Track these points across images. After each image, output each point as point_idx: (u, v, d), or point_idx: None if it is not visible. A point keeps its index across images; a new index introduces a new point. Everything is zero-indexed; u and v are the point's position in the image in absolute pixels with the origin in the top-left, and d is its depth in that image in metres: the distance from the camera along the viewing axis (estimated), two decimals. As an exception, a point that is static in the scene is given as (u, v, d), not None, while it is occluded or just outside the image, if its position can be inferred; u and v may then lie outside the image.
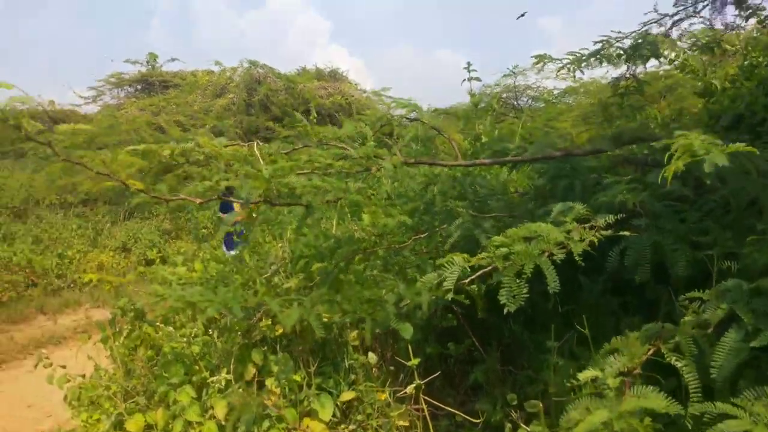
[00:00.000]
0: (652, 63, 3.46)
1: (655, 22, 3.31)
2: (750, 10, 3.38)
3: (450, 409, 2.18)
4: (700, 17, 3.43)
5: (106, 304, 7.96)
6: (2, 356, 5.92)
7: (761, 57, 3.60)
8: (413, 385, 2.11)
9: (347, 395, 2.25)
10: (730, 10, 3.45)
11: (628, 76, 3.38)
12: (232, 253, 6.71)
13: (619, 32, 3.12)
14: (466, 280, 1.63)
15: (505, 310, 1.52)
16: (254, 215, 6.78)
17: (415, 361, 2.10)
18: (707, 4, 3.37)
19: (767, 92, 3.08)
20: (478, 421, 2.06)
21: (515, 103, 14.84)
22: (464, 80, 3.48)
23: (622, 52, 3.00)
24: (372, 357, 2.54)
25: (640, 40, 3.02)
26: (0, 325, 6.94)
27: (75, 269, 8.76)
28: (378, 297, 1.76)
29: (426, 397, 2.14)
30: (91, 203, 12.89)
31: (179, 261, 4.11)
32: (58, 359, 5.84)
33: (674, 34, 3.42)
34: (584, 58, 2.99)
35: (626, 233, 1.81)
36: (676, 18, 3.35)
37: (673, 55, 3.34)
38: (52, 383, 3.26)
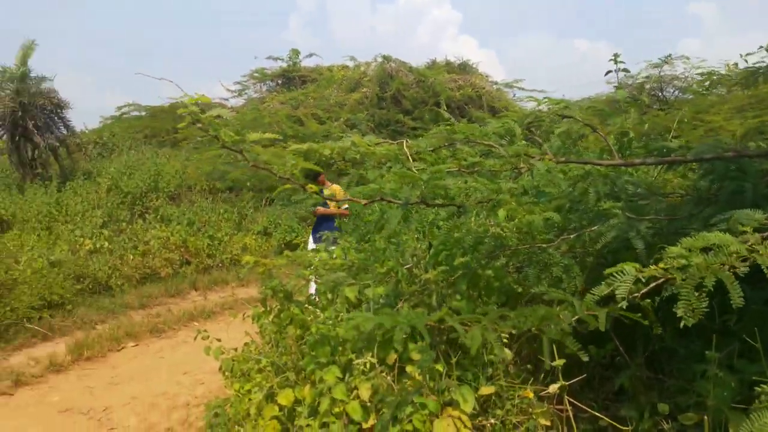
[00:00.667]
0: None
1: None
2: None
3: (595, 413, 2.14)
4: None
5: (251, 283, 8.62)
6: (162, 326, 6.61)
7: None
8: (557, 385, 2.09)
9: (487, 389, 2.28)
10: None
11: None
12: (312, 246, 6.64)
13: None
14: (638, 294, 1.58)
15: (681, 324, 1.46)
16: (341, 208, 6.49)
17: (560, 362, 2.08)
18: None
19: None
20: (627, 429, 2.00)
21: (660, 94, 13.88)
22: (608, 72, 3.31)
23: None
24: (508, 353, 2.54)
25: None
26: (159, 298, 7.77)
27: (223, 250, 9.57)
28: (554, 314, 1.76)
29: (570, 398, 2.11)
30: (236, 190, 13.93)
31: (321, 247, 4.34)
32: (209, 332, 6.42)
33: None
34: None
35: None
36: None
37: None
38: (208, 354, 3.61)
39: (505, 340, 2.47)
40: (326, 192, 6.75)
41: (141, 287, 7.97)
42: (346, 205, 6.82)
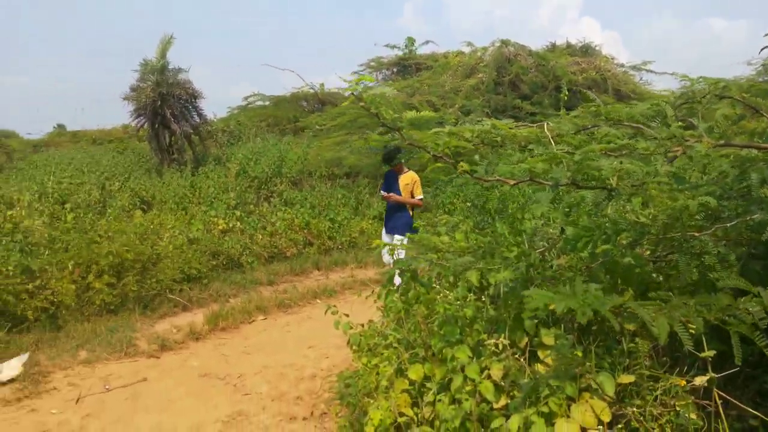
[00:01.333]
0: None
1: None
2: None
3: (750, 410, 2.01)
4: None
5: (368, 265, 8.87)
6: (289, 302, 7.00)
7: None
8: (706, 377, 1.99)
9: (626, 378, 2.21)
10: None
11: None
12: (386, 237, 6.54)
13: None
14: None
15: None
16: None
17: (710, 353, 1.97)
18: None
19: None
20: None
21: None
22: (765, 48, 3.01)
23: None
24: (644, 344, 2.45)
25: None
26: (285, 276, 8.21)
27: (342, 233, 9.93)
28: (739, 305, 1.68)
29: (720, 392, 2.00)
30: (353, 176, 14.34)
31: (442, 230, 4.39)
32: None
33: None
34: None
35: None
36: None
37: None
38: (337, 328, 3.78)
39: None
40: (402, 180, 6.53)
41: (269, 265, 8.47)
42: (421, 196, 6.66)
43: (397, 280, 6.32)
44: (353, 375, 3.35)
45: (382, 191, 6.84)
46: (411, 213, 6.66)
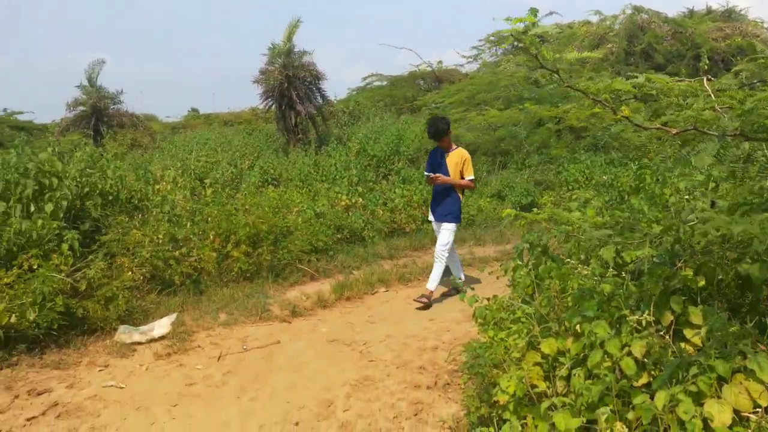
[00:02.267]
0: None
1: None
2: None
3: None
4: None
5: (486, 243, 8.77)
6: (409, 275, 7.11)
7: None
8: None
9: (791, 361, 2.02)
10: None
11: None
12: (435, 226, 6.13)
13: None
14: None
15: None
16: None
17: None
18: None
19: None
20: None
21: None
22: None
23: None
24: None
25: None
26: (405, 251, 8.35)
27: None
28: None
29: None
30: (470, 153, 14.18)
31: (574, 205, 4.23)
32: (447, 285, 6.69)
33: None
34: None
35: None
36: None
37: None
38: (462, 300, 3.78)
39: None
40: (450, 159, 5.92)
41: (389, 239, 8.65)
42: (472, 176, 5.95)
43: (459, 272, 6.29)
44: (481, 346, 3.34)
45: (426, 172, 6.06)
46: (461, 197, 6.07)
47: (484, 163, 13.17)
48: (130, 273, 5.53)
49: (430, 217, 6.21)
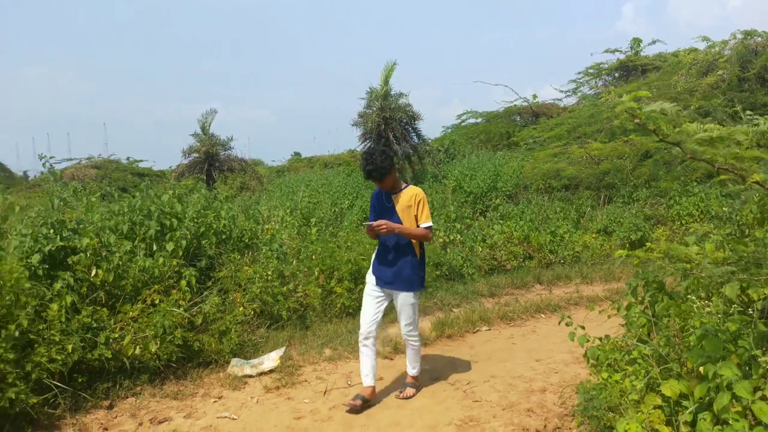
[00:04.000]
0: None
1: None
2: None
3: None
4: None
5: (594, 281, 8.41)
6: (511, 314, 6.94)
7: None
8: None
9: None
10: None
11: None
12: (376, 294, 4.49)
13: None
14: None
15: None
16: None
17: None
18: None
19: None
20: None
21: None
22: None
23: None
24: None
25: None
26: (506, 288, 8.17)
27: (564, 247, 9.57)
28: None
29: None
30: (572, 188, 13.79)
31: (691, 240, 3.99)
32: (552, 325, 6.48)
33: None
34: None
35: None
36: None
37: None
38: (572, 340, 3.64)
39: None
40: (400, 200, 4.38)
41: (489, 277, 8.52)
42: (430, 223, 4.38)
43: None
44: (595, 388, 3.19)
45: (365, 223, 4.48)
46: (418, 252, 4.48)
47: (587, 198, 12.73)
48: (241, 308, 5.82)
49: (371, 281, 4.51)
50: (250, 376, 5.11)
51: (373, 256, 4.58)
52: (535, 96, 21.84)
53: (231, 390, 4.85)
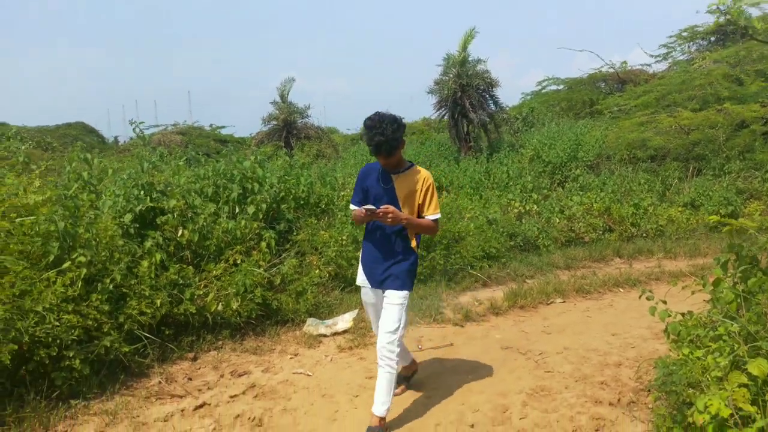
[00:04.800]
0: None
1: None
2: None
3: None
4: None
5: (678, 256, 8.04)
6: (588, 287, 6.76)
7: None
8: None
9: None
10: None
11: None
12: (369, 294, 3.78)
13: None
14: None
15: None
16: None
17: None
18: None
19: None
20: None
21: None
22: None
23: None
24: None
25: None
26: (583, 261, 7.96)
27: (648, 220, 9.16)
28: None
29: None
30: (658, 159, 13.11)
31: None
32: (630, 300, 6.28)
33: None
34: None
35: None
36: None
37: None
38: (653, 314, 3.50)
39: None
40: (403, 184, 3.60)
41: (566, 249, 8.32)
42: (437, 214, 3.62)
43: None
44: (675, 363, 3.08)
45: (353, 205, 3.68)
46: (416, 247, 3.68)
47: (675, 169, 12.08)
48: (317, 270, 5.99)
49: (361, 281, 3.76)
50: (325, 336, 5.28)
51: (361, 252, 3.80)
52: (624, 62, 20.72)
53: (306, 348, 5.04)
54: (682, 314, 3.52)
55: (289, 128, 21.95)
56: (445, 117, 18.04)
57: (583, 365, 4.54)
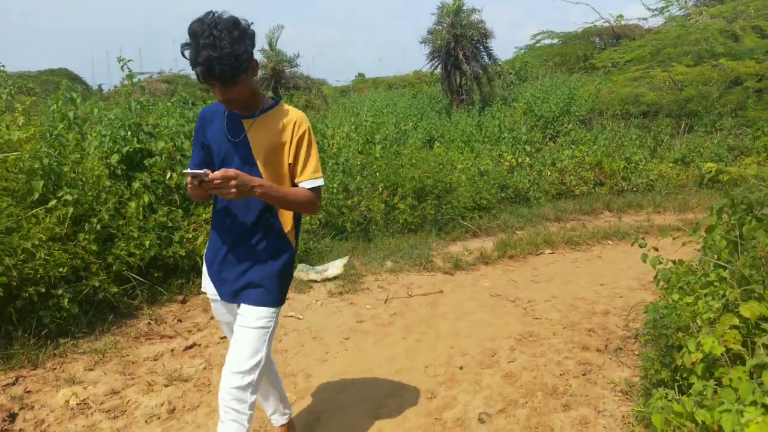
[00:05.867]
0: None
1: None
2: None
3: None
4: None
5: (667, 210, 8.09)
6: (577, 239, 6.80)
7: None
8: None
9: None
10: None
11: None
12: (220, 310, 2.33)
13: None
14: None
15: None
16: None
17: None
18: None
19: None
20: None
21: None
22: None
23: None
24: None
25: None
26: (573, 214, 7.98)
27: (638, 174, 9.17)
28: None
29: None
30: (650, 116, 13.05)
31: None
32: (619, 251, 6.33)
33: None
34: None
35: None
36: None
37: None
38: (645, 262, 3.51)
39: None
40: (265, 133, 2.15)
41: (556, 201, 8.33)
42: (318, 179, 2.18)
43: None
44: (665, 307, 3.10)
45: (186, 171, 1.97)
46: (292, 237, 2.28)
47: (667, 126, 12.04)
48: (308, 217, 5.95)
49: (207, 288, 2.32)
50: (315, 281, 5.27)
51: (206, 245, 2.39)
52: (620, 16, 20.30)
53: (297, 293, 5.04)
54: (673, 262, 3.54)
55: (277, 77, 21.53)
56: (438, 69, 17.75)
57: (570, 313, 4.59)
